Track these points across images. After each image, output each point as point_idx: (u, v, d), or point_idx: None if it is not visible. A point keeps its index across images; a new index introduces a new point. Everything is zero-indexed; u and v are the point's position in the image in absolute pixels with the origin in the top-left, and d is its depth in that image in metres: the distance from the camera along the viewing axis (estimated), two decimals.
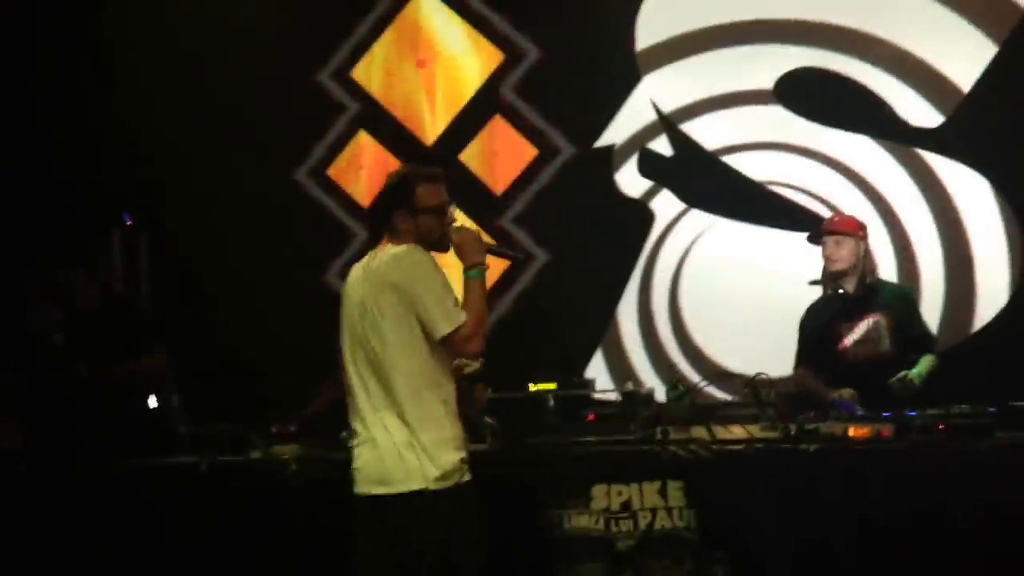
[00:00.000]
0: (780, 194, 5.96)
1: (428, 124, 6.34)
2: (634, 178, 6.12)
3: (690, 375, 5.82)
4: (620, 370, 6.05)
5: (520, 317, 6.13)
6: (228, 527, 4.02)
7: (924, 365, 4.63)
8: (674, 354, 6.06)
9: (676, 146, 6.08)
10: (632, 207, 6.10)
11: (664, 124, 6.08)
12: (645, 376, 5.97)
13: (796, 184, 5.95)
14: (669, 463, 3.86)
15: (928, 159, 5.83)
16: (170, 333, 5.04)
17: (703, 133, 6.05)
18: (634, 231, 6.09)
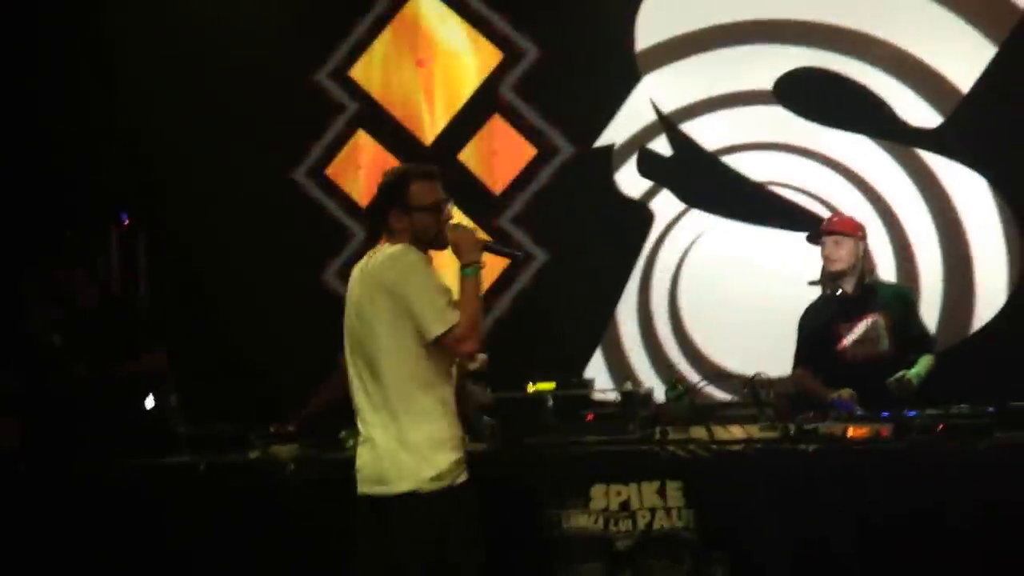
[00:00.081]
0: (779, 194, 5.96)
1: (427, 123, 6.33)
2: (634, 178, 6.12)
3: (689, 375, 5.83)
4: (619, 370, 6.05)
5: (519, 317, 6.12)
6: (226, 527, 4.01)
7: (922, 365, 4.63)
8: (673, 354, 6.06)
9: (676, 146, 6.07)
10: (631, 207, 6.10)
11: (664, 124, 6.08)
12: (644, 376, 5.97)
13: (795, 184, 5.95)
14: (668, 463, 3.86)
15: (927, 159, 5.84)
16: (168, 333, 5.03)
17: (703, 133, 6.05)
18: (633, 231, 6.09)
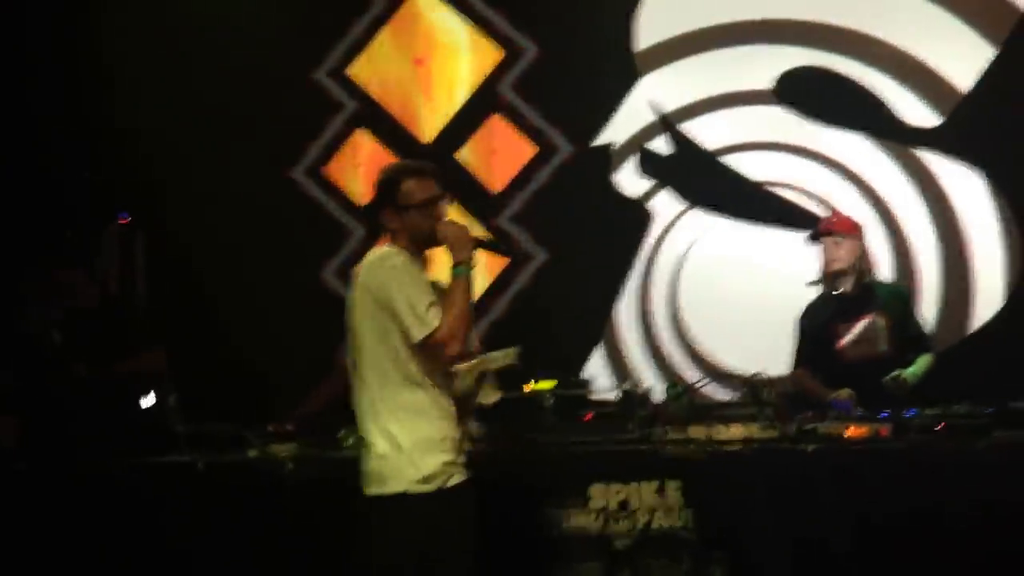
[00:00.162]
0: (779, 194, 5.96)
1: (426, 122, 6.31)
2: (633, 178, 6.11)
3: (689, 375, 5.82)
4: (619, 370, 6.05)
5: (518, 316, 6.11)
6: (225, 526, 4.01)
7: (920, 365, 4.63)
8: (673, 354, 6.05)
9: (675, 146, 6.07)
10: (631, 206, 6.09)
11: (663, 124, 6.07)
12: (644, 375, 5.96)
13: (795, 184, 5.94)
14: (667, 463, 3.86)
15: (926, 160, 5.83)
16: (167, 332, 5.03)
17: (702, 133, 6.04)
18: (633, 230, 6.08)
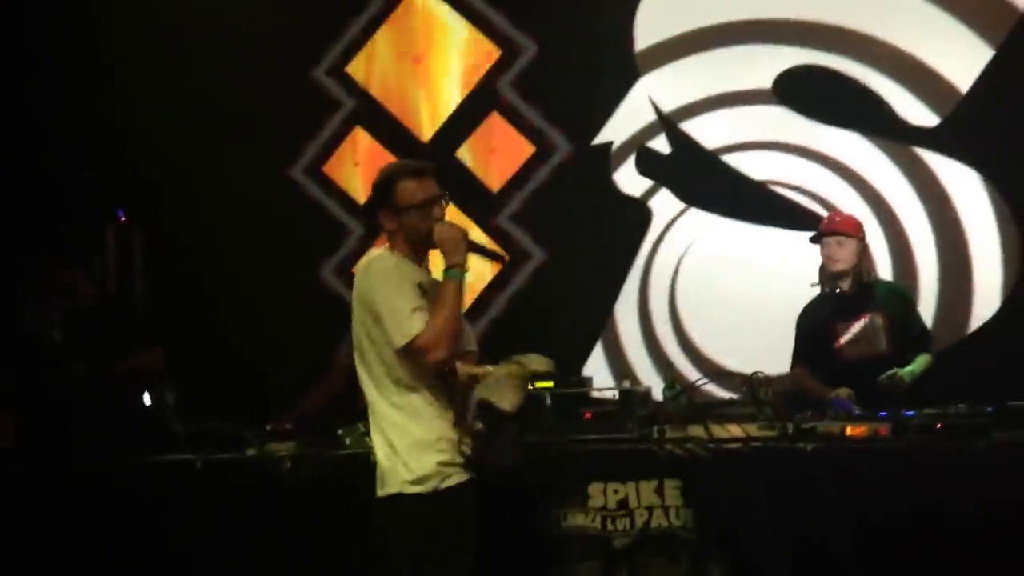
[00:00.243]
0: (778, 193, 5.95)
1: (425, 120, 6.31)
2: (633, 177, 6.10)
3: (688, 374, 5.82)
4: (618, 368, 6.04)
5: (517, 315, 6.11)
6: (224, 525, 4.00)
7: (918, 364, 4.63)
8: (672, 352, 6.05)
9: (674, 145, 6.06)
10: (630, 205, 6.09)
11: (663, 123, 6.06)
12: (643, 375, 5.95)
13: (794, 183, 5.94)
14: (666, 462, 3.85)
15: (926, 159, 5.83)
16: (165, 330, 5.02)
17: (701, 132, 6.03)
18: (632, 229, 6.08)
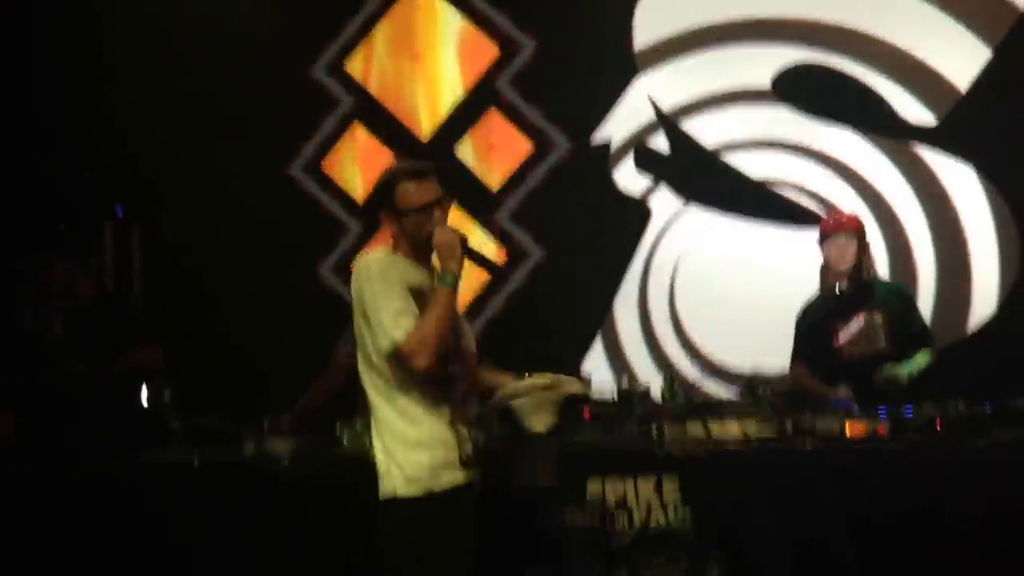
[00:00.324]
0: (777, 192, 5.94)
1: (423, 118, 6.30)
2: (632, 175, 6.10)
3: (688, 372, 5.81)
4: (618, 367, 6.03)
5: (516, 313, 6.09)
6: (221, 522, 3.99)
7: (916, 361, 4.62)
8: (672, 351, 6.04)
9: (674, 143, 6.05)
10: (629, 203, 6.08)
11: (662, 121, 6.05)
12: (643, 373, 5.93)
13: (793, 182, 5.93)
14: (665, 460, 3.85)
15: (925, 158, 5.82)
16: (163, 326, 5.00)
17: (701, 131, 6.03)
18: (631, 227, 6.07)
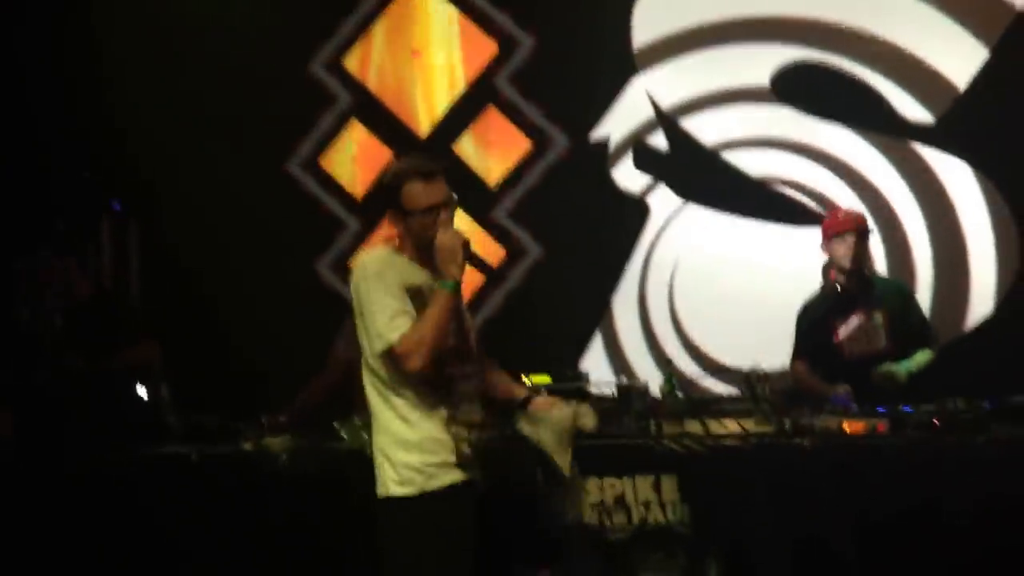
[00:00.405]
0: (776, 190, 5.94)
1: (422, 115, 6.29)
2: (631, 173, 6.09)
3: (687, 369, 5.80)
4: (617, 364, 6.02)
5: (514, 310, 6.08)
6: (219, 518, 3.99)
7: (916, 359, 4.62)
8: (671, 348, 6.03)
9: (672, 141, 6.04)
10: (628, 201, 6.07)
11: (661, 119, 6.04)
12: (642, 371, 5.93)
13: (792, 180, 5.93)
14: (663, 457, 3.85)
15: (924, 157, 5.82)
16: (160, 323, 5.00)
17: (699, 129, 6.02)
18: (630, 225, 6.06)
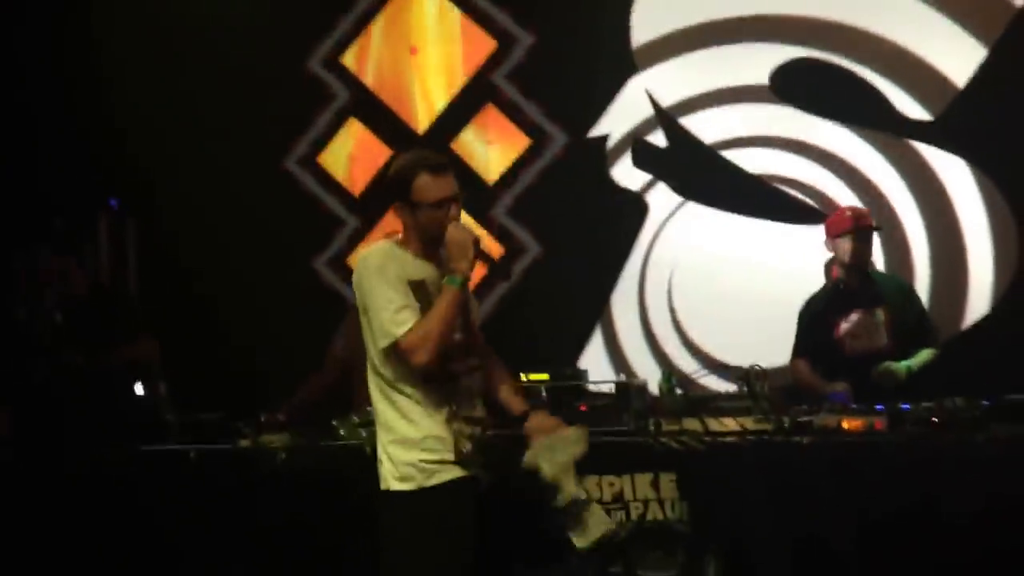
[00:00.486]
0: (776, 188, 5.94)
1: (420, 112, 6.29)
2: (630, 171, 6.08)
3: (686, 367, 5.80)
4: (616, 362, 6.03)
5: (513, 307, 6.08)
6: (216, 515, 3.99)
7: (917, 358, 4.63)
8: (670, 346, 6.03)
9: (672, 139, 6.04)
10: (627, 199, 6.07)
11: (660, 117, 6.04)
12: (641, 368, 5.92)
13: (791, 178, 5.92)
14: (662, 455, 3.84)
15: (923, 155, 5.82)
16: (158, 320, 4.99)
17: (698, 127, 6.01)
18: (628, 223, 6.05)
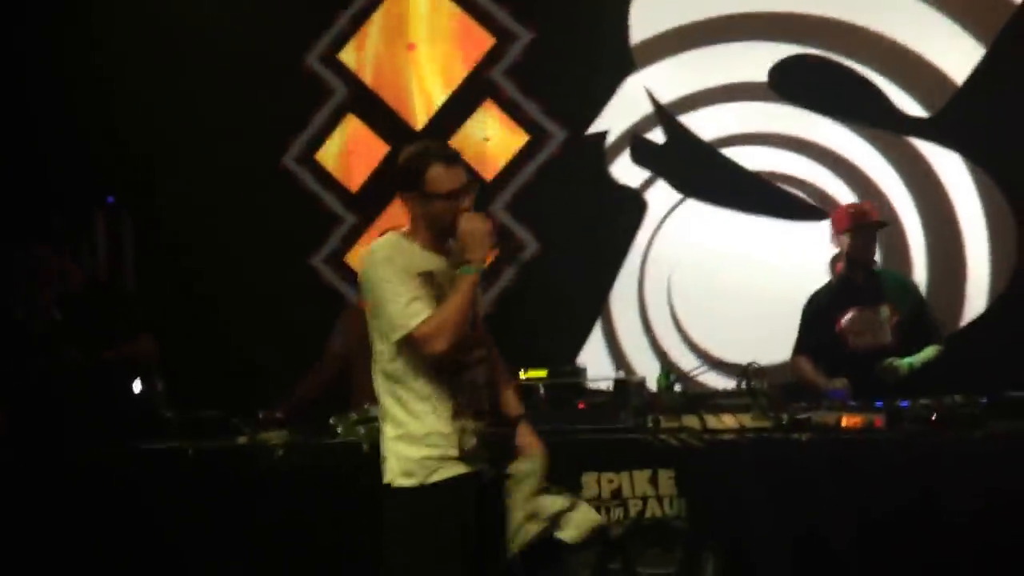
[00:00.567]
0: (775, 185, 5.93)
1: (418, 108, 6.28)
2: (628, 168, 6.08)
3: (685, 364, 5.80)
4: (615, 359, 6.02)
5: (512, 305, 6.07)
6: (214, 512, 3.99)
7: (920, 355, 4.63)
8: (669, 343, 6.02)
9: (671, 136, 6.03)
10: (626, 196, 6.06)
11: (659, 114, 6.03)
12: (640, 365, 5.92)
13: (790, 175, 5.92)
14: (660, 452, 3.84)
15: (922, 152, 5.81)
16: (156, 318, 4.99)
17: (697, 124, 6.01)
18: (627, 220, 6.05)
